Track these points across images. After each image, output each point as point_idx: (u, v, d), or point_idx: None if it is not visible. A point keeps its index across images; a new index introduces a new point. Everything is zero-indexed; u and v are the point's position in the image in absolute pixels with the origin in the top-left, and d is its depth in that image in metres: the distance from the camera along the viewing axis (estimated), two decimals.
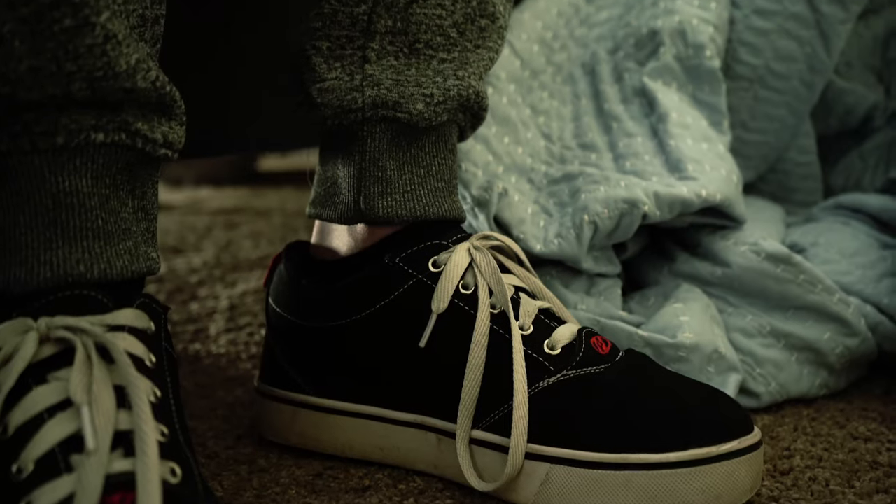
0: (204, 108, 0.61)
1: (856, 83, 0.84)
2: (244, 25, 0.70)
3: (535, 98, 0.78)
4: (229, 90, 0.69)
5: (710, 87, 0.75)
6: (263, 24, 0.70)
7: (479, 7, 0.56)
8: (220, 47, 0.68)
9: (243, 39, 0.70)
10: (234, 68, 0.69)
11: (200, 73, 0.65)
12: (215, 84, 0.68)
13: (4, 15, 0.37)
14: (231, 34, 0.69)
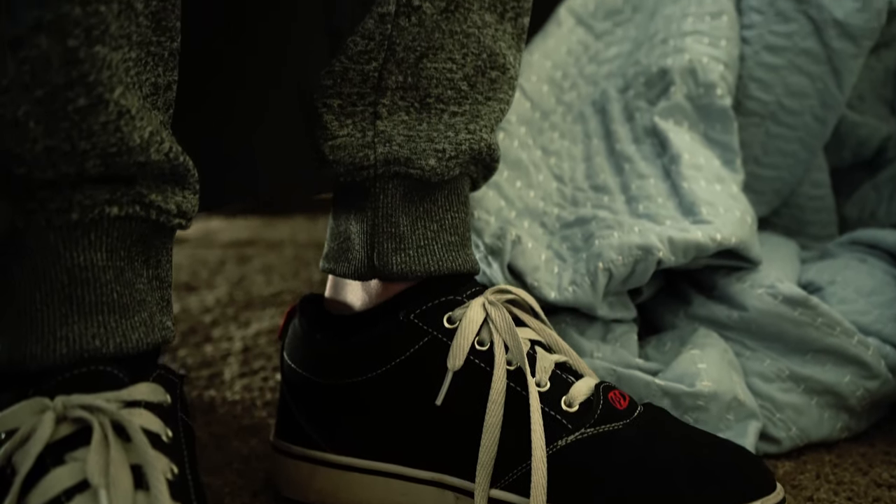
0: (214, 165, 0.61)
1: (868, 116, 0.83)
2: (256, 81, 0.70)
3: (546, 139, 0.78)
4: (239, 144, 0.69)
5: (721, 126, 0.74)
6: (276, 80, 0.71)
7: (489, 59, 0.56)
8: (233, 103, 0.68)
9: (254, 94, 0.70)
10: (246, 123, 0.70)
11: (213, 132, 0.65)
12: (227, 139, 0.68)
13: (19, 97, 0.37)
14: (242, 87, 0.69)
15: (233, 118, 0.69)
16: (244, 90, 0.69)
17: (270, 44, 0.70)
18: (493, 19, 0.56)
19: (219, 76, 0.67)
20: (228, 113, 0.69)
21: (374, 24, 0.53)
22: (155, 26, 0.44)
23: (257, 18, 0.69)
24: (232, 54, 0.68)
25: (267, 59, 0.70)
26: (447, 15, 0.54)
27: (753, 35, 0.79)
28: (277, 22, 0.70)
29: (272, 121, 0.70)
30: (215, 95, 0.67)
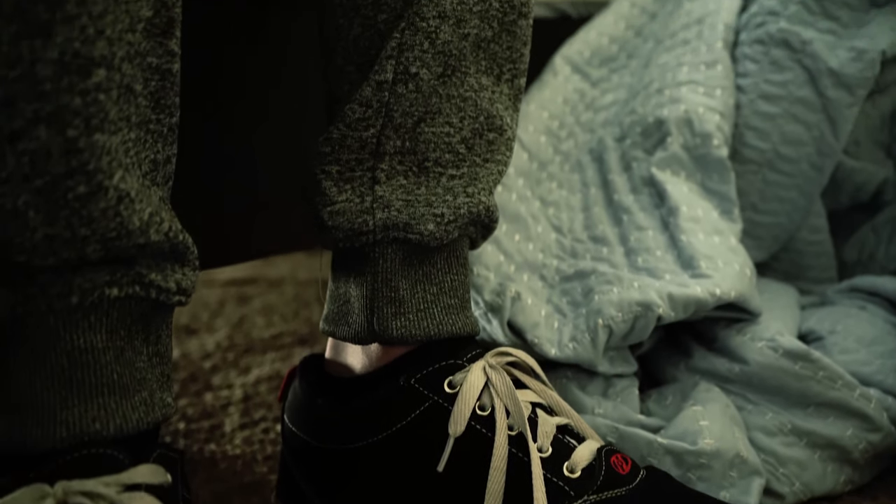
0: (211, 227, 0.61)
1: (865, 161, 0.83)
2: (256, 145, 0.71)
3: (544, 189, 0.78)
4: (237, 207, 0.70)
5: (718, 176, 0.75)
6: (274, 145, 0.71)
7: (486, 122, 0.57)
8: (232, 168, 0.69)
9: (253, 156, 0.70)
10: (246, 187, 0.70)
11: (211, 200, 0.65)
12: (225, 202, 0.68)
13: (19, 188, 0.37)
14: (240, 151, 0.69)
15: (232, 177, 0.69)
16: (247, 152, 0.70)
17: (270, 107, 0.70)
18: (489, 82, 0.57)
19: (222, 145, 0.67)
20: (228, 171, 0.69)
21: (371, 92, 0.54)
22: (154, 105, 0.44)
23: (257, 84, 0.69)
24: (240, 118, 0.68)
25: (268, 122, 0.71)
26: (444, 80, 0.55)
27: (749, 83, 0.80)
28: (277, 85, 0.71)
29: (270, 182, 0.71)
30: (217, 158, 0.67)
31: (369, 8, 0.55)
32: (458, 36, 0.54)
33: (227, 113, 0.68)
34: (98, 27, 0.37)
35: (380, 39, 0.55)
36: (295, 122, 0.72)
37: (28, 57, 0.36)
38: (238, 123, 0.69)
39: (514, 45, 0.58)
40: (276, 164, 0.71)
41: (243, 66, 0.68)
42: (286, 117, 0.71)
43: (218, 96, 0.67)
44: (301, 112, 0.72)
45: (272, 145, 0.71)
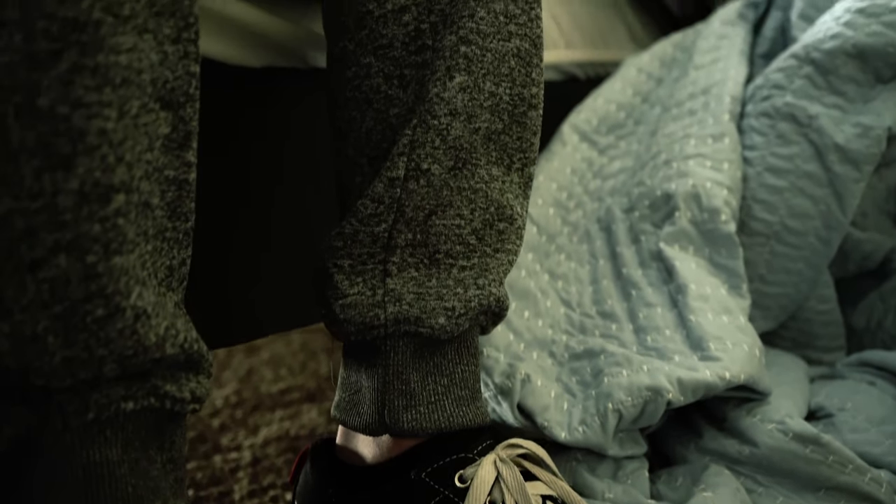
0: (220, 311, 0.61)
1: (872, 231, 0.84)
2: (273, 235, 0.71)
3: (553, 262, 0.79)
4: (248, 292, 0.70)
5: (727, 251, 0.75)
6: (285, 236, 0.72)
7: (497, 212, 0.57)
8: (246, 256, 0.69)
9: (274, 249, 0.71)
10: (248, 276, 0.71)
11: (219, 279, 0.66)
12: (231, 281, 0.69)
13: (39, 314, 0.38)
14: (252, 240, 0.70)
15: (241, 257, 0.70)
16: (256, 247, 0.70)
17: (279, 200, 0.71)
18: (500, 172, 0.57)
19: (234, 237, 0.68)
20: (237, 249, 0.70)
21: (383, 188, 0.54)
22: (170, 214, 0.45)
23: (267, 162, 0.70)
24: (246, 216, 0.69)
25: (276, 217, 0.71)
26: (455, 172, 0.55)
27: (756, 156, 0.81)
28: (287, 180, 0.72)
29: (279, 260, 0.71)
30: (222, 250, 0.68)
31: (381, 102, 0.56)
32: (468, 130, 0.55)
33: (236, 192, 0.69)
34: (118, 154, 0.38)
35: (391, 133, 0.56)
36: (302, 200, 0.72)
37: (50, 189, 0.36)
38: (247, 203, 0.69)
39: (525, 136, 0.58)
40: (285, 243, 0.72)
41: (253, 149, 0.69)
42: (294, 196, 0.72)
43: (227, 177, 0.67)
44: (309, 189, 0.72)
45: (281, 224, 0.72)
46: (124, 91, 0.38)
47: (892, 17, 0.77)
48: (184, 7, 0.41)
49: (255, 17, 0.63)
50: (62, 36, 0.35)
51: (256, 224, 0.70)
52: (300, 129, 0.72)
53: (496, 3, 0.55)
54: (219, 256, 0.67)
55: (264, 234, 0.71)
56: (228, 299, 0.67)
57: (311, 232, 0.72)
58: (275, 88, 0.69)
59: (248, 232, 0.70)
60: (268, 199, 0.71)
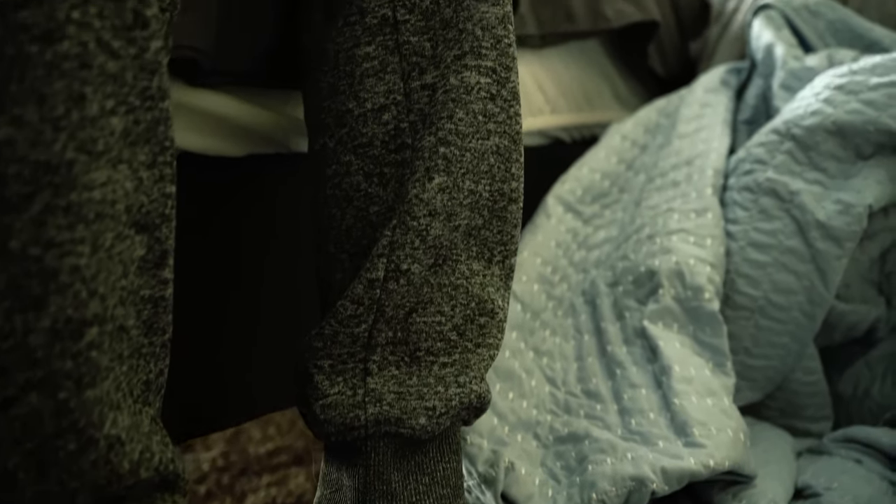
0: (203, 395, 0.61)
1: (856, 303, 0.84)
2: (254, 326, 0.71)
3: (538, 339, 0.79)
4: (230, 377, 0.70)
5: (711, 329, 0.75)
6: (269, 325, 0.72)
7: (478, 307, 0.57)
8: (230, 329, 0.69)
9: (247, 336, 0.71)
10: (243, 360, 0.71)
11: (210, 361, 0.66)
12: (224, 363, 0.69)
13: (10, 451, 0.38)
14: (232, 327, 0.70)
15: (230, 339, 0.69)
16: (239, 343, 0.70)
17: (268, 280, 0.71)
18: (480, 266, 0.57)
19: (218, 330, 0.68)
20: (227, 332, 0.70)
21: (363, 290, 0.54)
22: (147, 331, 0.45)
23: (254, 249, 0.70)
24: (236, 298, 0.69)
25: (265, 297, 0.71)
26: (435, 270, 0.55)
27: (739, 231, 0.81)
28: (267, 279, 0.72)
29: (268, 341, 0.71)
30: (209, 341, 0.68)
31: (361, 200, 0.56)
32: (448, 229, 0.55)
33: (225, 276, 0.69)
34: (91, 288, 0.38)
35: (371, 230, 0.56)
36: (291, 279, 0.73)
37: (21, 329, 0.36)
38: (237, 286, 0.69)
39: (505, 229, 0.58)
40: (276, 322, 0.72)
41: (239, 232, 0.69)
42: (282, 276, 0.72)
43: (215, 262, 0.67)
44: (297, 268, 0.73)
45: (271, 304, 0.72)
46: (98, 226, 0.38)
47: (870, 95, 0.78)
48: (159, 133, 0.42)
49: (236, 109, 0.63)
50: (34, 179, 0.35)
51: (247, 306, 0.70)
52: (285, 210, 0.72)
53: (475, 103, 0.55)
54: (211, 340, 0.67)
55: (254, 315, 0.71)
56: (223, 381, 0.67)
57: (299, 311, 0.72)
58: (257, 174, 0.69)
59: (238, 315, 0.70)
60: (256, 281, 0.71)
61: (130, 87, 0.39)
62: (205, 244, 0.65)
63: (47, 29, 0.35)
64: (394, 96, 0.56)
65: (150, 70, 0.40)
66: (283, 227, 0.71)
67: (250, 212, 0.69)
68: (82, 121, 0.37)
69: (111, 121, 0.38)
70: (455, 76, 0.55)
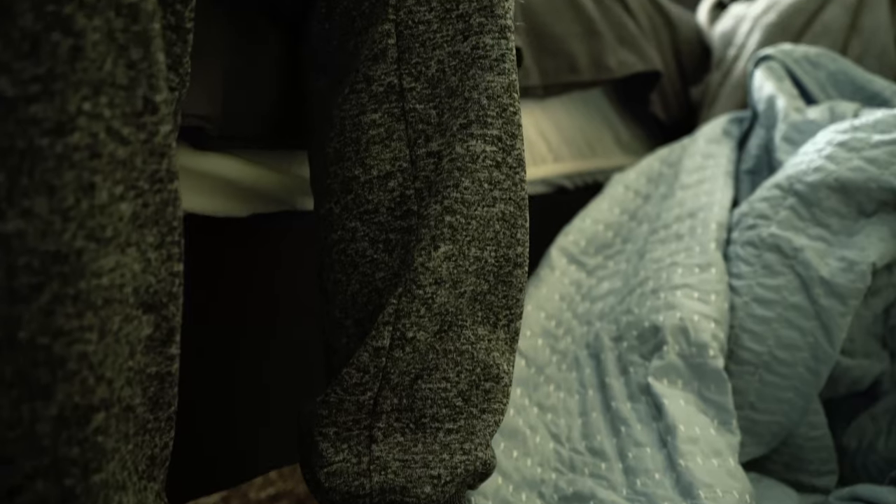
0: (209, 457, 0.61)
1: (860, 357, 0.84)
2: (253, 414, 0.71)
3: (542, 394, 0.79)
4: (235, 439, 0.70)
5: (715, 387, 0.75)
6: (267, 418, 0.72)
7: (483, 372, 0.57)
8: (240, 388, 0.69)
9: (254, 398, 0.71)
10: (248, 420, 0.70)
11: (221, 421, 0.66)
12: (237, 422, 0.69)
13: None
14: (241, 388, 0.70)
15: (241, 398, 0.69)
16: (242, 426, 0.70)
17: (276, 337, 0.71)
18: (485, 331, 0.57)
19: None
20: (237, 392, 0.70)
21: (368, 358, 0.54)
22: (153, 407, 0.45)
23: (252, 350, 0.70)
24: (245, 356, 0.69)
25: (274, 355, 0.71)
26: (440, 336, 0.55)
27: (743, 286, 0.81)
28: (272, 349, 0.72)
29: (278, 399, 0.71)
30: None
31: (367, 266, 0.57)
32: (454, 296, 0.55)
33: (232, 335, 0.69)
34: (98, 374, 0.38)
35: (377, 296, 0.56)
36: (298, 335, 0.72)
37: (28, 418, 0.36)
38: (244, 344, 0.69)
39: (510, 293, 0.58)
40: (285, 379, 0.71)
41: (245, 290, 0.69)
42: (290, 332, 0.72)
43: (222, 321, 0.67)
44: (304, 323, 0.72)
45: (280, 361, 0.71)
46: (106, 311, 0.38)
47: (872, 153, 0.78)
48: (167, 214, 0.42)
49: (241, 171, 0.63)
50: (44, 270, 0.36)
51: (255, 364, 0.70)
52: (290, 266, 0.72)
53: (481, 171, 0.56)
54: (215, 401, 0.66)
55: (260, 374, 0.71)
56: (233, 440, 0.67)
57: (306, 369, 0.72)
58: (262, 231, 0.70)
59: (245, 374, 0.69)
60: (264, 338, 0.71)
61: (140, 172, 0.39)
62: (208, 303, 0.65)
63: (58, 122, 0.35)
64: (400, 163, 0.56)
65: (159, 153, 0.40)
66: (288, 283, 0.72)
67: (255, 269, 0.69)
68: (91, 209, 0.37)
69: (120, 206, 0.39)
70: (461, 145, 0.55)
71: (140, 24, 0.38)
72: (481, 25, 0.56)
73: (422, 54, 0.56)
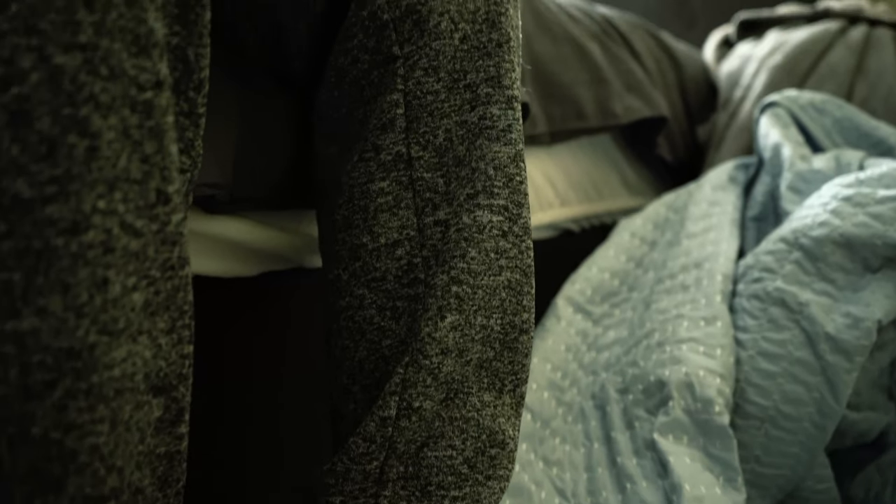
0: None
1: (866, 410, 0.84)
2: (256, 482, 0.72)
3: (548, 448, 0.79)
4: None
5: (721, 443, 0.75)
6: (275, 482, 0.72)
7: (489, 439, 0.57)
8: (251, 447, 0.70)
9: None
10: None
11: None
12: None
13: None
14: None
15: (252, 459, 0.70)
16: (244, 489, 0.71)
17: (271, 443, 0.72)
18: (491, 397, 0.58)
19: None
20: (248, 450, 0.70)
21: (375, 428, 0.55)
22: (161, 485, 0.45)
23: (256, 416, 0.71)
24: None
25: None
26: (447, 403, 0.56)
27: (748, 339, 0.81)
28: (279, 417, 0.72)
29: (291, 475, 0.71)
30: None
31: (374, 333, 0.57)
32: (460, 364, 0.56)
33: (239, 397, 0.69)
34: (108, 465, 0.39)
35: (384, 364, 0.57)
36: (308, 398, 0.73)
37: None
38: (252, 406, 0.70)
39: (516, 359, 0.59)
40: (295, 444, 0.72)
41: (254, 349, 0.69)
42: (299, 395, 0.72)
43: (229, 383, 0.68)
44: (313, 384, 0.73)
45: (291, 425, 0.72)
46: (117, 402, 0.39)
47: (877, 209, 0.78)
48: (178, 299, 0.42)
49: (250, 233, 0.64)
50: (57, 366, 0.36)
51: (266, 425, 0.70)
52: (299, 324, 0.73)
53: (487, 241, 0.56)
54: (223, 463, 0.67)
55: (274, 435, 0.71)
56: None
57: (319, 428, 0.72)
58: (269, 288, 0.70)
59: (257, 434, 0.70)
60: (274, 400, 0.71)
61: (152, 262, 0.40)
62: (216, 363, 0.66)
63: (73, 221, 0.36)
64: (407, 232, 0.57)
65: (171, 242, 0.41)
66: (297, 342, 0.72)
67: (265, 328, 0.70)
68: (105, 304, 0.37)
69: (132, 297, 0.39)
70: (468, 215, 0.56)
71: (154, 118, 0.39)
72: (489, 96, 0.57)
73: (430, 123, 0.57)
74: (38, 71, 0.35)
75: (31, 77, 0.35)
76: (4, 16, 0.34)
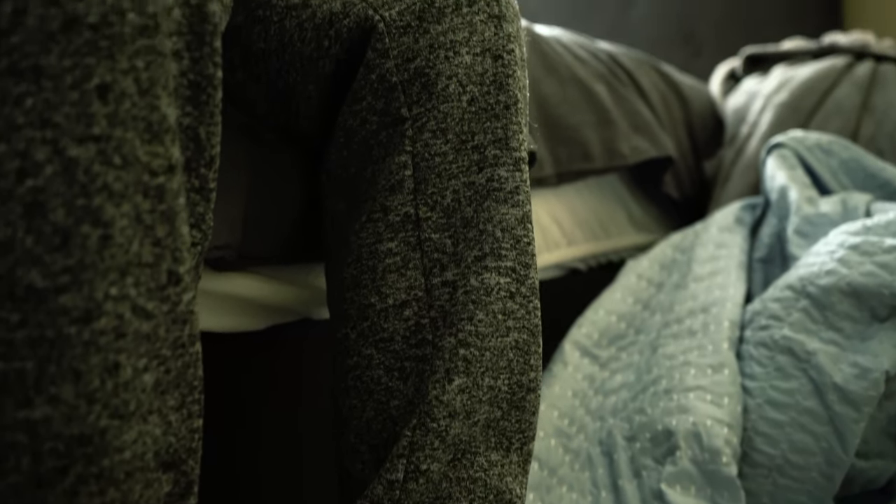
0: None
1: (874, 458, 0.83)
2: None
3: (555, 497, 0.79)
4: None
5: (729, 494, 0.75)
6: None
7: (496, 498, 0.57)
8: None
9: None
10: None
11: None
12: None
13: None
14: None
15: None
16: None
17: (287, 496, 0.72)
18: (499, 456, 0.58)
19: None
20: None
21: (382, 491, 0.55)
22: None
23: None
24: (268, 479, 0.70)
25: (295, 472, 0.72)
26: (454, 464, 0.56)
27: (756, 387, 0.81)
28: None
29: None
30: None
31: (382, 394, 0.57)
32: (467, 426, 0.56)
33: (250, 457, 0.69)
34: None
35: (392, 424, 0.57)
36: (320, 450, 0.73)
37: None
38: (263, 467, 0.70)
39: (524, 417, 0.59)
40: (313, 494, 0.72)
41: (263, 402, 0.70)
42: (312, 450, 0.72)
43: (240, 439, 0.68)
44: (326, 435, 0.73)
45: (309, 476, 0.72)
46: (128, 483, 0.39)
47: (884, 258, 0.78)
48: (188, 376, 0.43)
49: (259, 289, 0.65)
50: (69, 453, 0.36)
51: (281, 480, 0.70)
52: (308, 376, 0.73)
53: (495, 303, 0.56)
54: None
55: (290, 489, 0.71)
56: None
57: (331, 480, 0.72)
58: (277, 341, 0.70)
59: (273, 490, 0.70)
60: (280, 461, 0.71)
61: (163, 342, 0.40)
62: (224, 420, 0.66)
63: (86, 310, 0.36)
64: (415, 292, 0.57)
65: (182, 321, 0.41)
66: (307, 396, 0.72)
67: (275, 382, 0.70)
68: (116, 388, 0.38)
69: (143, 378, 0.39)
70: (476, 277, 0.56)
71: (166, 202, 0.39)
72: (496, 157, 0.57)
73: (437, 184, 0.57)
74: (52, 163, 0.35)
75: (45, 170, 0.35)
76: (20, 109, 0.35)
